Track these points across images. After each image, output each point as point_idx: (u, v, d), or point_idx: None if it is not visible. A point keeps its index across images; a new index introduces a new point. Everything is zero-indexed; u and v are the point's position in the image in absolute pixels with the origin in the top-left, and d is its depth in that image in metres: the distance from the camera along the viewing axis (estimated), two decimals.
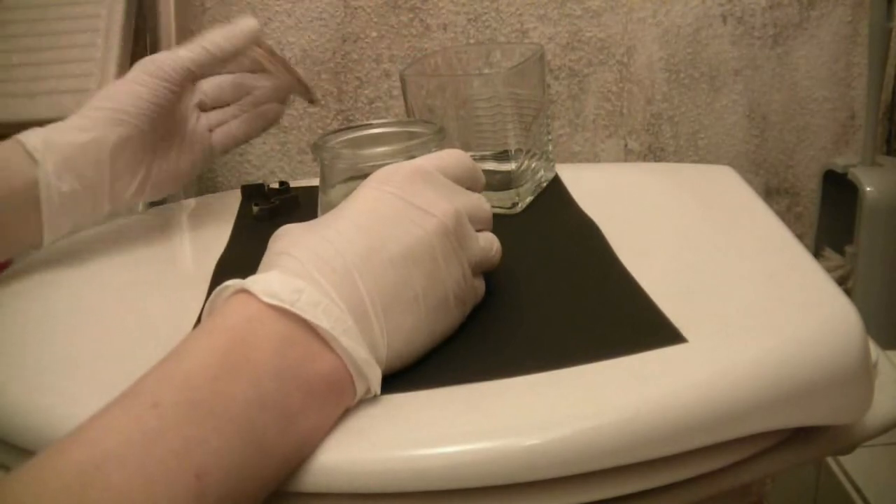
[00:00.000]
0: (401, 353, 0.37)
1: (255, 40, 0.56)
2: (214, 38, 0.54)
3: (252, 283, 0.35)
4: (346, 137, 0.48)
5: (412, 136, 0.47)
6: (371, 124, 0.50)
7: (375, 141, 0.49)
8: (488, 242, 0.43)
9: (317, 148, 0.46)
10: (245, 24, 0.55)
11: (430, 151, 0.44)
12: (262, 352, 0.32)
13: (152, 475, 0.28)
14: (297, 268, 0.35)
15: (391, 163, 0.41)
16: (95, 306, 0.48)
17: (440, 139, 0.46)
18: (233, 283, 0.35)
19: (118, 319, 0.47)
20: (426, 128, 0.48)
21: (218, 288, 0.36)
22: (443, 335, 0.40)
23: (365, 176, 0.41)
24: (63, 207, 0.51)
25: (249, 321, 0.33)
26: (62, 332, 0.45)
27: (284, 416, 0.32)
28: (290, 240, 0.38)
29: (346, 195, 0.41)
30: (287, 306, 0.33)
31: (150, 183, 0.55)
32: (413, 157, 0.43)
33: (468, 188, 0.43)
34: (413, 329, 0.38)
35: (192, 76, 0.54)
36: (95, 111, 0.52)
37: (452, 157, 0.43)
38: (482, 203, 0.43)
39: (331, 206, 0.41)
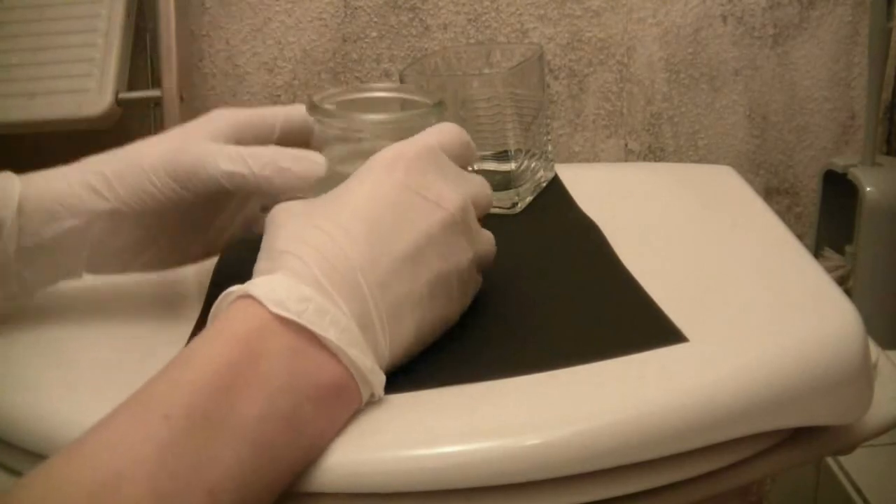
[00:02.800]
0: (404, 352, 0.37)
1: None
2: (266, 167, 0.41)
3: (256, 287, 0.34)
4: (343, 99, 0.46)
5: (411, 104, 0.46)
6: (372, 87, 0.48)
7: (374, 106, 0.46)
8: (488, 237, 0.42)
9: (311, 108, 0.43)
10: (311, 166, 0.42)
11: (429, 124, 0.42)
12: (272, 366, 0.32)
13: (164, 492, 0.28)
14: (303, 271, 0.35)
15: (387, 125, 0.39)
16: (93, 307, 0.48)
17: (440, 112, 0.44)
18: (237, 289, 0.34)
19: (116, 321, 0.46)
20: (427, 97, 0.46)
21: (224, 293, 0.35)
22: (444, 328, 0.40)
23: (359, 140, 0.39)
24: (18, 277, 0.42)
25: (258, 332, 0.33)
26: (60, 333, 0.45)
27: (294, 427, 0.32)
28: (291, 233, 0.37)
29: (339, 158, 0.39)
30: (295, 318, 0.33)
31: (148, 263, 0.46)
32: (411, 127, 0.41)
33: (464, 164, 0.42)
34: (417, 328, 0.38)
35: (226, 191, 0.42)
36: (90, 193, 0.42)
37: (451, 133, 0.41)
38: (485, 189, 0.42)
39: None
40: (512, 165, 0.56)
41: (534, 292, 0.46)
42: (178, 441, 0.29)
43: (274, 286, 0.34)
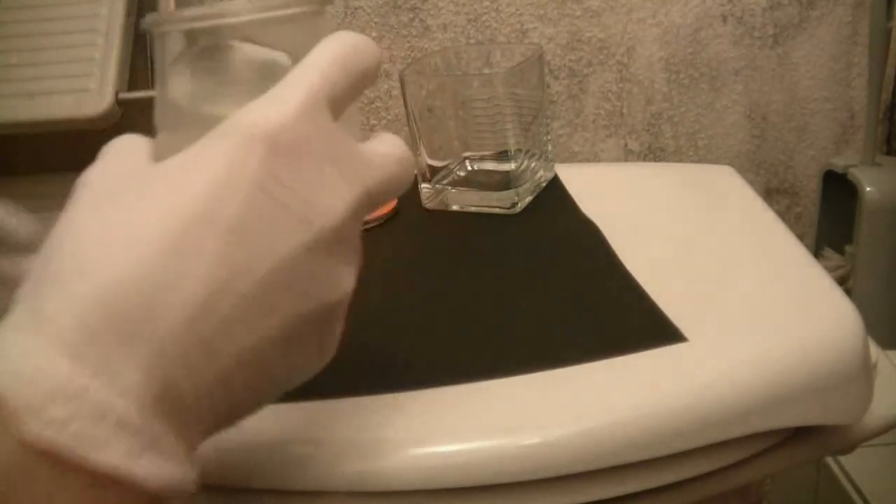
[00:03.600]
0: (235, 419, 0.27)
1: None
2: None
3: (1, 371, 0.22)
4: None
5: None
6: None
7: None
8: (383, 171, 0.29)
9: (147, 21, 0.30)
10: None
11: (318, 23, 0.30)
12: None
13: None
14: (73, 325, 0.23)
15: (255, 22, 0.27)
16: None
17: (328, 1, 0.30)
18: None
19: None
20: None
21: None
22: (304, 378, 0.29)
23: (216, 52, 0.28)
24: None
25: (15, 475, 0.21)
26: None
27: None
28: (86, 239, 0.24)
29: (190, 90, 0.30)
30: (61, 440, 0.21)
31: None
32: (293, 23, 0.29)
33: (363, 75, 0.29)
34: (263, 387, 0.27)
35: None
36: None
37: (344, 59, 0.28)
38: (388, 169, 0.29)
39: (168, 105, 0.30)
40: (512, 165, 0.56)
41: (533, 292, 0.46)
42: None
43: (28, 371, 0.22)
